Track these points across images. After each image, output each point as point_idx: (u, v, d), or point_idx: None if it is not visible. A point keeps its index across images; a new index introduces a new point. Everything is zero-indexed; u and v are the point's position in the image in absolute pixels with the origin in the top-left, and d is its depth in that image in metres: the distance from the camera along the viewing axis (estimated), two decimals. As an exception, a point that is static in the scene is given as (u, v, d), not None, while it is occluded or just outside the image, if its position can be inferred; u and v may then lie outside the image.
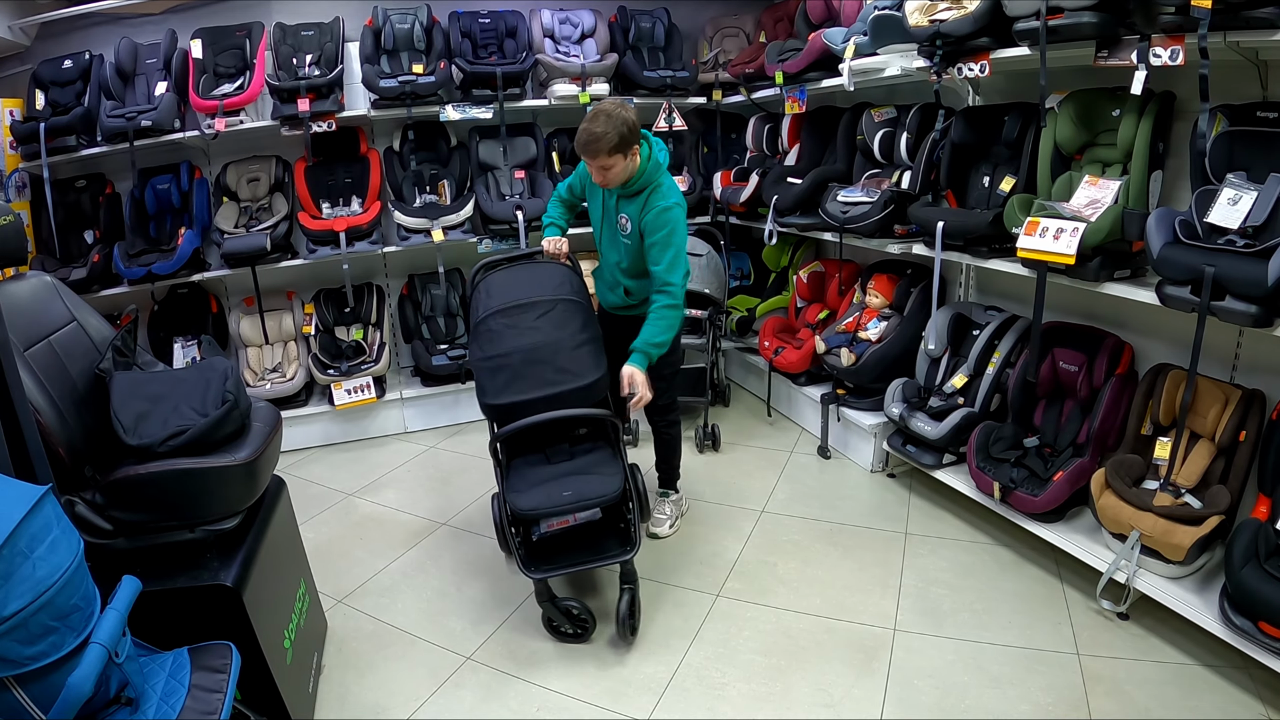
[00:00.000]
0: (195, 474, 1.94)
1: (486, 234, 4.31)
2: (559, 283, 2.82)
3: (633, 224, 2.81)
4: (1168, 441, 2.76)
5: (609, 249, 2.98)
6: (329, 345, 4.20)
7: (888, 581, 2.90)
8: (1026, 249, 2.75)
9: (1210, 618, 2.37)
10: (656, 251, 2.75)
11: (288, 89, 3.83)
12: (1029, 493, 2.87)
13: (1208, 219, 2.43)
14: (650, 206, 2.75)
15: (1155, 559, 2.55)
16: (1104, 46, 2.59)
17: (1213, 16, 2.18)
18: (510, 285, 2.79)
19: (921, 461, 3.30)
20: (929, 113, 3.48)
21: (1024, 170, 3.03)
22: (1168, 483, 2.70)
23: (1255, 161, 2.41)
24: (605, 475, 2.59)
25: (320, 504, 3.62)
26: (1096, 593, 2.67)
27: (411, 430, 4.38)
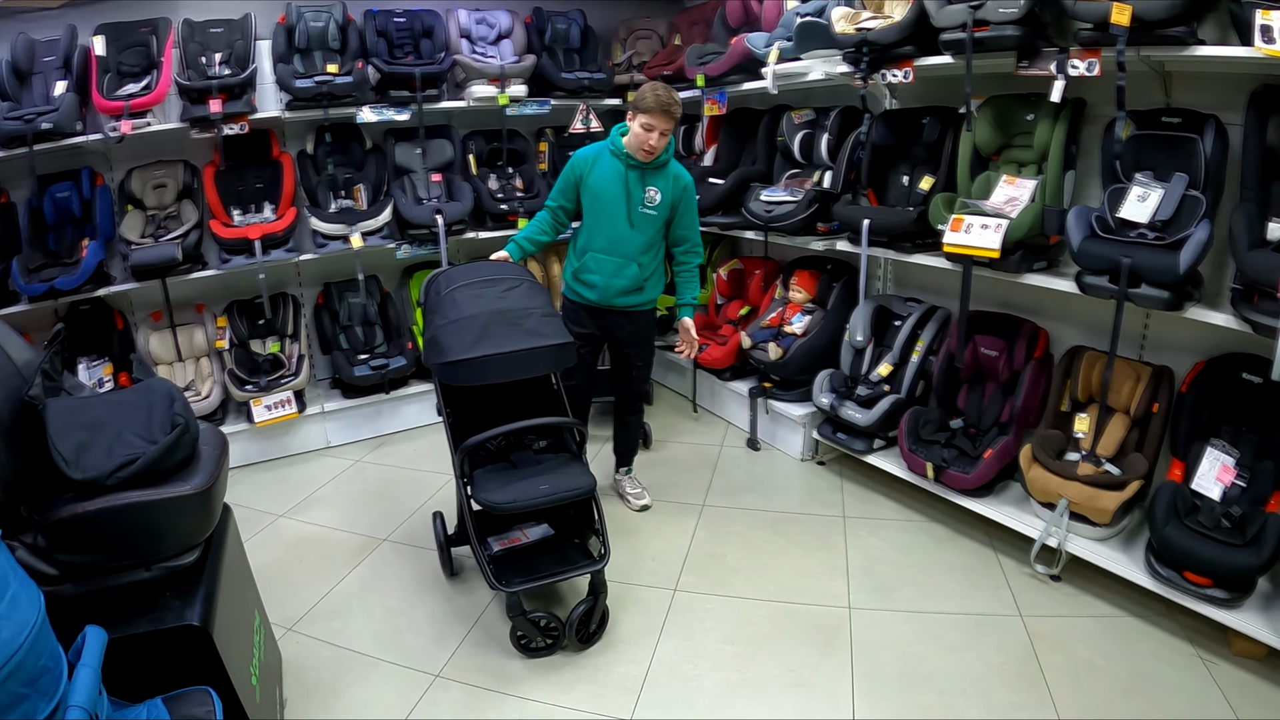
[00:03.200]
0: (149, 507, 1.73)
1: (405, 239, 4.11)
2: (521, 271, 2.83)
3: (664, 195, 2.97)
4: (1086, 416, 2.94)
5: (628, 230, 2.99)
6: (245, 360, 3.89)
7: (834, 564, 2.97)
8: (952, 244, 2.87)
9: (1138, 572, 2.58)
10: (690, 217, 3.08)
11: (199, 89, 3.52)
12: (961, 471, 2.99)
13: (1119, 214, 2.62)
14: (680, 177, 3.01)
15: (1083, 523, 2.72)
16: (1024, 57, 2.74)
17: (1129, 34, 2.35)
18: (473, 269, 2.73)
19: (853, 448, 3.39)
20: (850, 115, 3.58)
21: (943, 170, 3.16)
22: (1090, 454, 2.87)
23: (1160, 162, 2.61)
24: (577, 473, 2.56)
25: (250, 528, 3.34)
26: (1031, 558, 2.82)
27: (334, 444, 4.12)
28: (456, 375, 2.43)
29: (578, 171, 3.01)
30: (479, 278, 2.65)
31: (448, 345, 2.41)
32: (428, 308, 2.66)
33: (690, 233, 3.09)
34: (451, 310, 2.51)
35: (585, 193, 3.01)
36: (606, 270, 3.02)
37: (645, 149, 2.87)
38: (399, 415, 4.23)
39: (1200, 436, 2.67)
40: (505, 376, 2.48)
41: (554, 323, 2.54)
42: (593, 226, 3.03)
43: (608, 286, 3.03)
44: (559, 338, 2.49)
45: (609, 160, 2.98)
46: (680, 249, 3.12)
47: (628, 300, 3.07)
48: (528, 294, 2.62)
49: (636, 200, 2.95)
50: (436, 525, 2.91)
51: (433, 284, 2.71)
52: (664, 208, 2.98)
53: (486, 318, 2.45)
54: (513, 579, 2.45)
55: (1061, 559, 2.78)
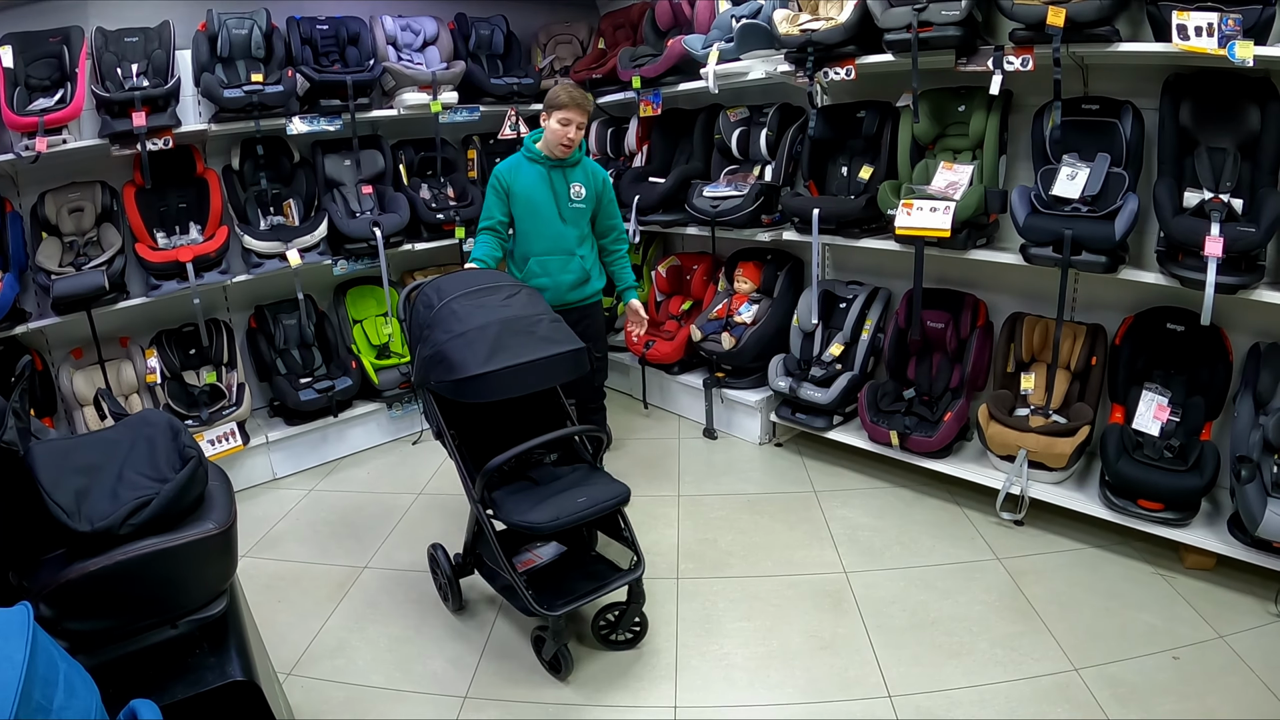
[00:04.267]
0: (172, 555, 1.46)
1: (342, 254, 3.77)
2: (511, 278, 2.62)
3: (587, 188, 3.02)
4: (1032, 375, 3.07)
5: (562, 227, 3.01)
6: (180, 393, 3.43)
7: (819, 535, 2.96)
8: (905, 227, 2.92)
9: (1097, 506, 2.73)
10: (613, 207, 3.14)
11: (120, 101, 3.06)
12: (924, 435, 3.05)
13: (1053, 192, 2.76)
14: (595, 171, 3.07)
15: (1041, 470, 2.85)
16: (963, 54, 2.83)
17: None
18: (464, 279, 2.46)
19: (814, 426, 3.39)
20: (787, 112, 3.57)
21: (884, 160, 3.22)
22: (1040, 408, 3.01)
23: (1083, 144, 2.78)
24: (607, 481, 2.35)
25: None
26: (997, 507, 2.93)
27: (281, 476, 3.71)
28: (474, 392, 2.15)
29: (504, 183, 2.98)
30: (474, 286, 2.39)
31: (460, 360, 2.14)
32: (419, 323, 2.34)
33: (616, 221, 3.19)
34: (454, 323, 2.23)
35: (515, 203, 2.98)
36: (553, 269, 3.02)
37: (564, 143, 2.89)
38: (346, 439, 3.87)
39: (1135, 382, 2.85)
40: (527, 389, 2.24)
41: (563, 328, 2.35)
42: (528, 231, 3.01)
43: (558, 285, 3.03)
44: (573, 343, 2.30)
45: (529, 167, 2.99)
46: (609, 238, 3.18)
47: (578, 294, 3.09)
48: (529, 301, 2.42)
49: (564, 196, 2.99)
50: (439, 558, 2.60)
51: (419, 297, 2.41)
52: (589, 200, 3.04)
53: (497, 328, 2.21)
54: (554, 602, 2.19)
55: (1025, 504, 2.89)
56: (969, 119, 3.04)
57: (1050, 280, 2.94)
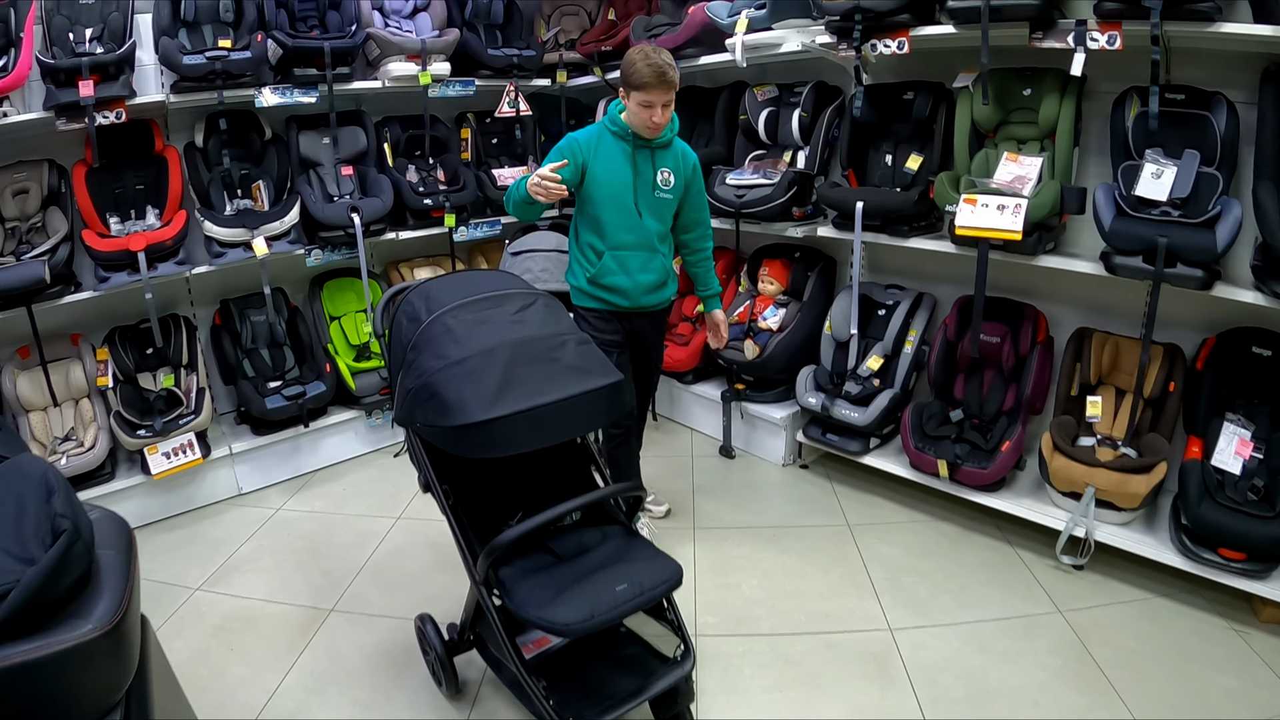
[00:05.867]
0: (35, 670, 1.09)
1: (316, 243, 3.38)
2: (523, 282, 2.08)
3: (676, 175, 2.51)
4: (1099, 399, 2.74)
5: (647, 218, 2.48)
6: (134, 398, 3.07)
7: (857, 580, 2.61)
8: (967, 226, 2.55)
9: (1169, 553, 2.43)
10: (702, 198, 2.64)
11: (66, 68, 2.69)
12: (977, 466, 2.70)
13: (1135, 192, 2.41)
14: (687, 154, 2.56)
15: (1107, 509, 2.54)
16: (1038, 28, 2.47)
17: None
18: (459, 284, 1.95)
19: (848, 449, 3.02)
20: (823, 91, 3.16)
21: (936, 149, 2.85)
22: (1106, 437, 2.68)
23: (1167, 139, 2.43)
24: (649, 556, 1.86)
25: (162, 607, 2.58)
26: (1057, 550, 2.61)
27: (247, 490, 3.35)
28: (478, 444, 1.62)
29: (582, 154, 2.42)
30: (475, 294, 1.88)
31: (457, 399, 1.62)
32: (401, 340, 1.85)
33: (703, 214, 2.65)
34: (449, 345, 1.72)
35: (594, 184, 2.44)
36: (633, 267, 2.50)
37: (650, 125, 2.36)
38: (319, 450, 3.49)
39: (1216, 413, 2.51)
40: (549, 439, 1.70)
41: (594, 353, 1.84)
42: (607, 221, 2.46)
43: (637, 285, 2.52)
44: (608, 374, 1.76)
45: (613, 143, 2.44)
46: (693, 235, 2.66)
47: (656, 298, 2.59)
48: (548, 314, 1.90)
49: (650, 183, 2.46)
50: (428, 633, 2.10)
51: (402, 307, 1.90)
52: (677, 190, 2.51)
53: (508, 354, 1.70)
54: (582, 711, 1.71)
55: (1089, 548, 2.55)
56: (1037, 104, 2.68)
57: (1120, 292, 2.70)
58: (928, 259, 2.97)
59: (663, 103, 2.31)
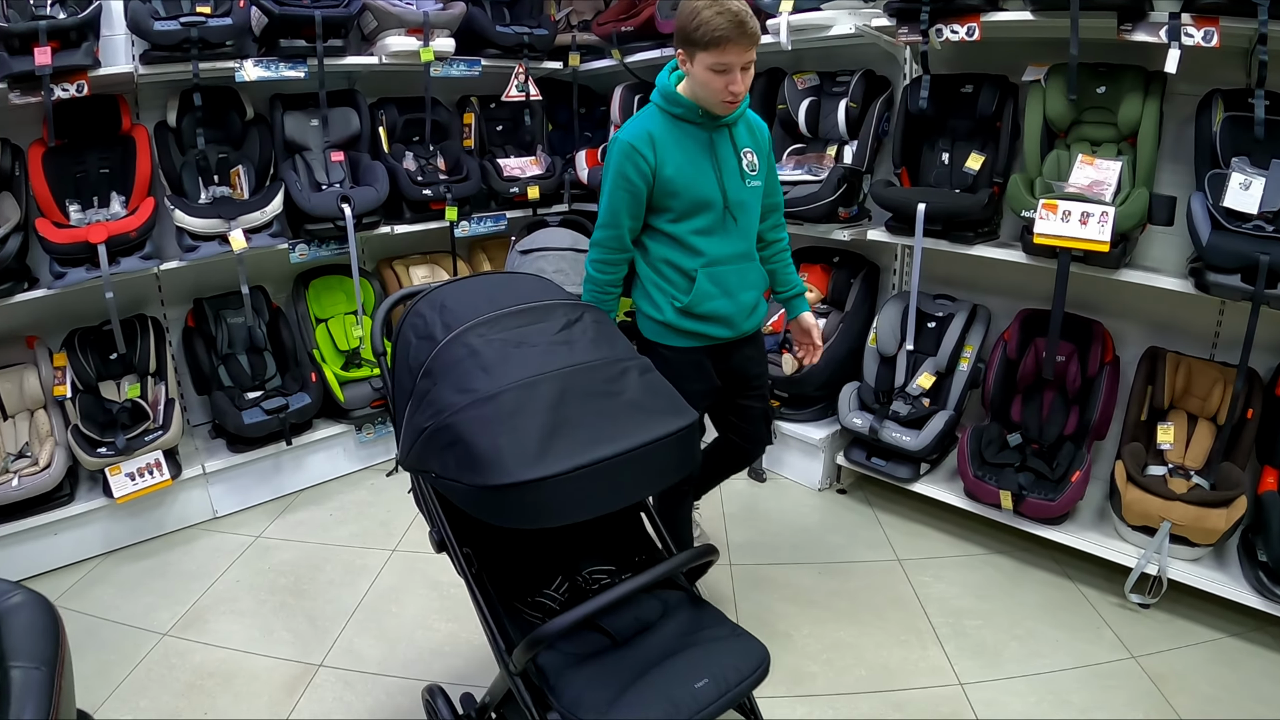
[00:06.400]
0: None
1: (302, 237, 3.06)
2: (562, 290, 1.70)
3: (758, 155, 1.97)
4: (1171, 426, 2.55)
5: (740, 218, 1.95)
6: (95, 411, 2.72)
7: (916, 625, 2.38)
8: (1048, 234, 2.33)
9: (1246, 592, 2.27)
10: (775, 178, 2.12)
11: (20, 33, 2.33)
12: (1044, 497, 2.48)
13: (1223, 204, 2.22)
14: (758, 125, 2.03)
15: (1179, 544, 2.36)
16: (1127, 19, 2.26)
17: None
18: (480, 291, 1.58)
19: (896, 476, 2.80)
20: (872, 81, 2.90)
21: (1004, 147, 2.62)
22: (1178, 467, 2.51)
23: (1253, 147, 2.25)
24: (727, 638, 1.50)
25: (125, 656, 2.26)
26: (1127, 589, 2.43)
27: (223, 514, 3.01)
28: (518, 511, 1.27)
29: (647, 166, 1.85)
30: (505, 305, 1.51)
31: (491, 450, 1.25)
32: (407, 365, 1.50)
33: (779, 197, 2.17)
34: (475, 374, 1.37)
35: (669, 194, 1.88)
36: (733, 285, 1.97)
37: (728, 98, 1.80)
38: (303, 468, 3.17)
39: None
40: (611, 504, 1.37)
41: (660, 384, 1.48)
42: (689, 231, 1.92)
43: (739, 308, 1.99)
44: (681, 413, 1.42)
45: (677, 129, 1.88)
46: (768, 223, 2.13)
47: (758, 318, 2.08)
48: (599, 332, 1.54)
49: (735, 171, 1.92)
50: (439, 711, 1.75)
51: (411, 319, 1.54)
52: (764, 174, 2.00)
53: (554, 388, 1.35)
54: None
55: (1162, 587, 2.37)
56: (1114, 104, 2.48)
57: (1190, 310, 2.56)
58: (983, 268, 2.76)
59: (743, 64, 1.77)
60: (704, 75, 1.78)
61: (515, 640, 1.45)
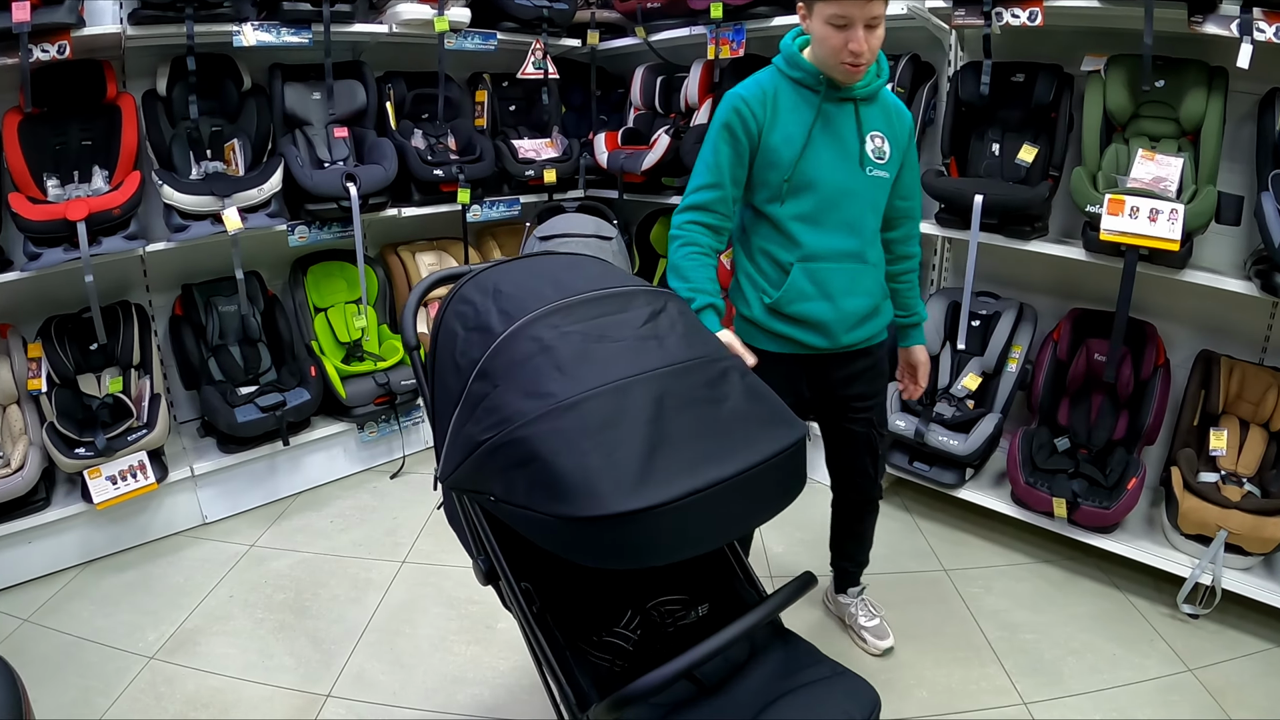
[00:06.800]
0: None
1: (302, 218, 2.84)
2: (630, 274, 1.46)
3: (891, 144, 1.72)
4: (1223, 433, 2.50)
5: (855, 208, 1.72)
6: (73, 407, 2.48)
7: (973, 641, 2.28)
8: (1116, 231, 2.22)
9: None
10: (912, 180, 1.84)
11: None
12: (1099, 505, 2.39)
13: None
14: (899, 111, 1.77)
15: (1233, 554, 2.30)
16: (1198, 11, 2.17)
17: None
18: (539, 275, 1.32)
19: (941, 481, 2.69)
20: (919, 66, 2.76)
21: (1061, 139, 2.52)
22: (1231, 474, 2.45)
23: None
24: (829, 679, 1.28)
25: (107, 683, 2.04)
26: (1179, 599, 2.36)
27: (213, 520, 2.78)
28: (617, 548, 1.02)
29: (755, 121, 1.66)
30: (577, 292, 1.24)
31: (578, 473, 1.02)
32: (454, 362, 1.23)
33: (915, 202, 1.88)
34: (549, 375, 1.12)
35: (768, 160, 1.68)
36: (835, 287, 1.73)
37: (847, 61, 1.58)
38: (300, 470, 2.95)
39: None
40: (724, 535, 1.20)
41: (762, 388, 1.23)
42: (798, 215, 1.70)
43: (841, 316, 1.75)
44: (792, 426, 1.19)
45: (795, 95, 1.68)
46: (898, 232, 1.87)
47: (863, 332, 1.81)
48: (689, 325, 1.27)
49: (855, 152, 1.69)
50: None
51: (453, 305, 1.29)
52: (893, 165, 1.75)
53: (649, 393, 1.11)
54: None
55: (1215, 597, 2.30)
56: (1174, 99, 2.39)
57: (1242, 313, 2.51)
58: (1027, 264, 2.68)
59: (866, 19, 1.53)
60: (822, 30, 1.57)
61: (583, 690, 1.24)
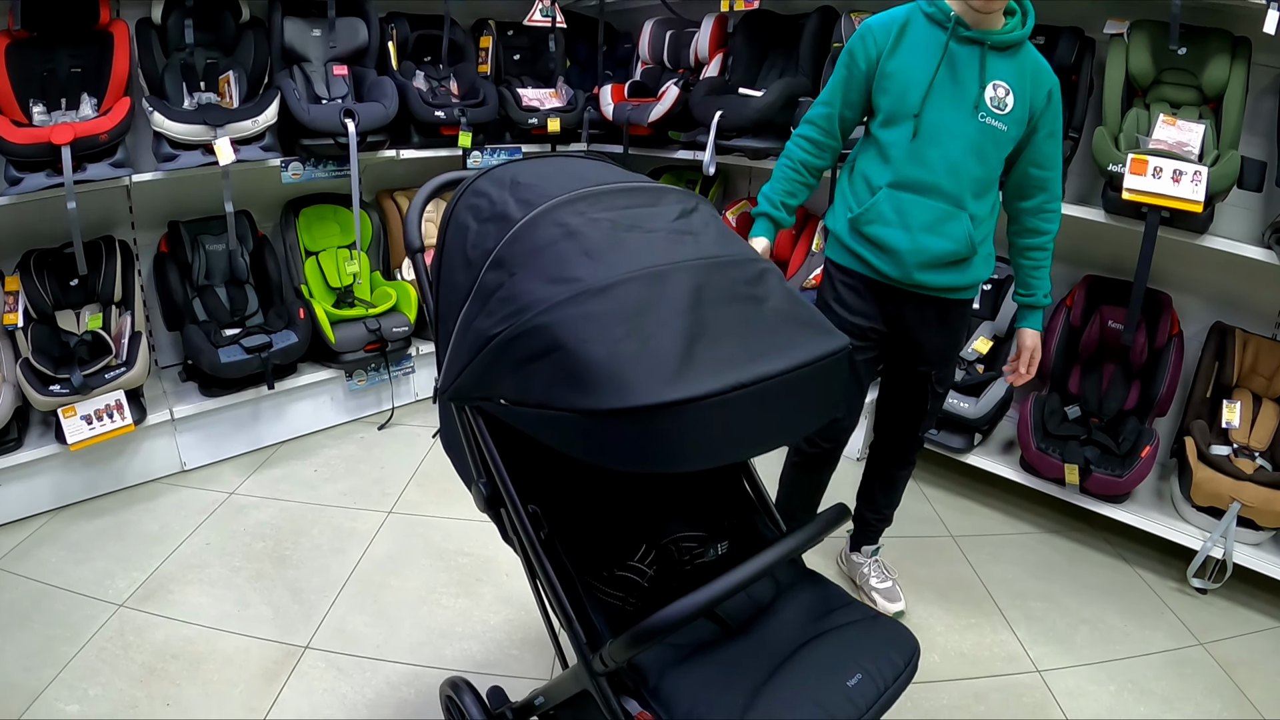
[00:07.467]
0: None
1: (298, 154, 2.73)
2: (648, 179, 1.28)
3: (1018, 99, 1.65)
4: (1236, 405, 2.48)
5: (958, 150, 1.65)
6: (49, 344, 2.35)
7: (982, 606, 2.24)
8: (1139, 191, 2.18)
9: None
10: (1052, 149, 1.74)
11: None
12: (1111, 473, 2.35)
13: None
14: (1042, 71, 1.69)
15: (1243, 528, 2.27)
16: None
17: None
18: (566, 169, 1.19)
19: (950, 446, 2.65)
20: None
21: (1080, 101, 2.48)
22: (1243, 447, 2.42)
23: None
24: (869, 623, 1.21)
25: (73, 631, 1.94)
26: (1189, 573, 2.34)
27: (192, 467, 2.67)
28: (652, 446, 0.89)
29: (874, 49, 1.67)
30: (600, 183, 1.12)
31: (613, 360, 0.89)
32: (464, 256, 1.10)
33: (1052, 173, 1.77)
34: (576, 259, 0.99)
35: (886, 90, 1.68)
36: (917, 220, 1.70)
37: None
38: (285, 418, 2.85)
39: None
40: (775, 440, 1.06)
41: (801, 297, 1.12)
42: (887, 141, 1.70)
43: (917, 249, 1.71)
44: (835, 334, 1.06)
45: (925, 29, 1.66)
46: (1030, 203, 1.80)
47: (943, 278, 1.74)
48: (722, 228, 1.16)
49: (971, 94, 1.63)
50: (468, 709, 1.47)
51: (464, 199, 1.15)
52: (1016, 120, 1.66)
53: (687, 282, 0.99)
54: None
55: (1226, 572, 2.28)
56: (1196, 66, 2.35)
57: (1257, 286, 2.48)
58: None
59: None
60: None
61: (595, 627, 1.15)
